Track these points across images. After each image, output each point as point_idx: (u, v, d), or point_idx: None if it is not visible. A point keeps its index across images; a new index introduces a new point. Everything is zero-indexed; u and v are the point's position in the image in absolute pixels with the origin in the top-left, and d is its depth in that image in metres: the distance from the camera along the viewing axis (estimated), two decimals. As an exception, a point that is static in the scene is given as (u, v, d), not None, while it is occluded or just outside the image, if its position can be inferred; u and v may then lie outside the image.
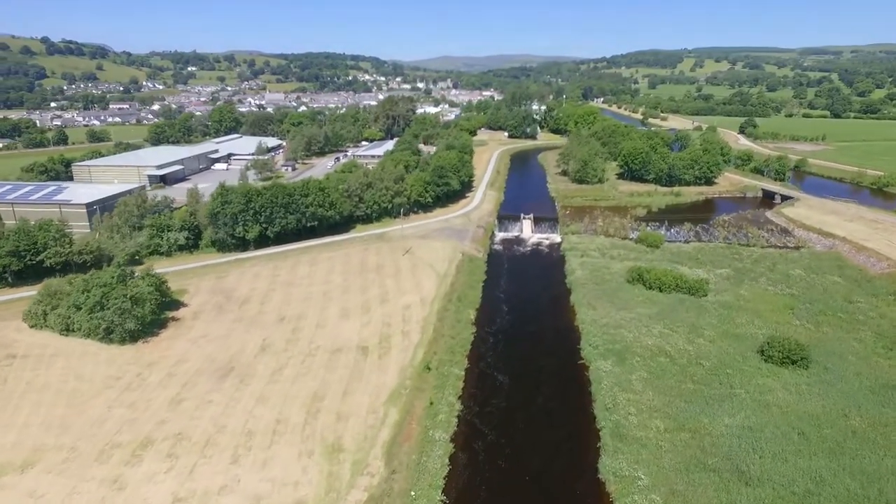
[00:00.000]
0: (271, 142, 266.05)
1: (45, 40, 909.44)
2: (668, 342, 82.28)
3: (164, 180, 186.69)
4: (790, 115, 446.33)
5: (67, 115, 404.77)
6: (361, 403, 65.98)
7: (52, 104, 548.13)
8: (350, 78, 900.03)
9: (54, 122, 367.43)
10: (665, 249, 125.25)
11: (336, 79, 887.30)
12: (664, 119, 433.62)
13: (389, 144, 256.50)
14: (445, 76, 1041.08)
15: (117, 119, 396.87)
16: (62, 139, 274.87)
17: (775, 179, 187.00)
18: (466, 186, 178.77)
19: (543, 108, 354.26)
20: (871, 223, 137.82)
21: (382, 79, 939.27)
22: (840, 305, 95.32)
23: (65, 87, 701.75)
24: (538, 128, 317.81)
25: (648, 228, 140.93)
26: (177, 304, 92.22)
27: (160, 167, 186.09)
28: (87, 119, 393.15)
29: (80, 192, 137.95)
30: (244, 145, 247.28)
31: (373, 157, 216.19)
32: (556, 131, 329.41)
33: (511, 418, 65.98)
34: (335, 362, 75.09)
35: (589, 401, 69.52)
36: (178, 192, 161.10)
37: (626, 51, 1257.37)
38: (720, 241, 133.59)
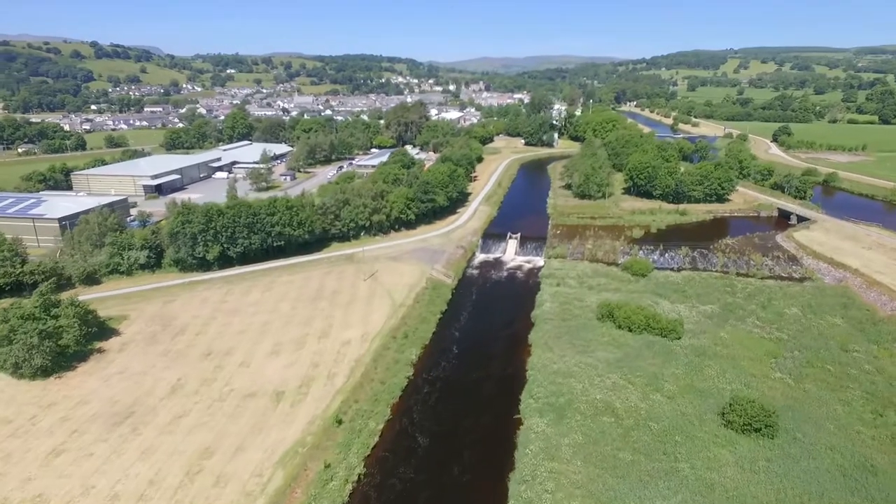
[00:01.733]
0: (281, 149, 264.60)
1: (94, 44, 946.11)
2: (619, 397, 73.42)
3: (160, 190, 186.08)
4: (833, 121, 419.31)
5: (99, 119, 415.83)
6: (250, 463, 60.07)
7: (93, 107, 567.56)
8: (383, 80, 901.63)
9: (84, 126, 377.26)
10: (651, 279, 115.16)
11: (369, 81, 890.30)
12: (695, 125, 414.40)
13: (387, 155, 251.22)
14: (480, 78, 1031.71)
15: (145, 123, 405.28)
16: (81, 145, 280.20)
17: (795, 197, 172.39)
18: (459, 200, 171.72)
19: (564, 113, 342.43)
20: (892, 252, 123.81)
21: (415, 81, 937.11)
22: (833, 355, 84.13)
23: (109, 90, 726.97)
24: (555, 135, 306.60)
25: (641, 253, 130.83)
26: (110, 333, 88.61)
27: (155, 177, 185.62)
28: (116, 123, 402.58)
29: (59, 205, 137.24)
30: (251, 153, 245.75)
31: (373, 166, 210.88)
32: (575, 139, 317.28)
33: (415, 492, 58.81)
34: (243, 410, 69.50)
35: (511, 469, 61.69)
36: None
37: (667, 51, 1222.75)
38: (718, 268, 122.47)
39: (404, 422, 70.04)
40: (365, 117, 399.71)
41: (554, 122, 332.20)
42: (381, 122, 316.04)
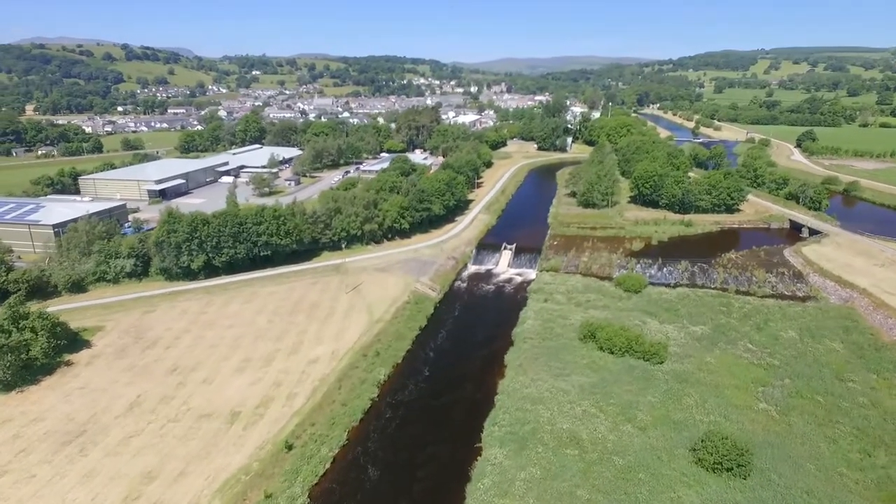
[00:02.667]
0: (291, 152, 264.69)
1: (125, 46, 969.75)
2: (587, 426, 69.74)
3: (164, 194, 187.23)
4: (865, 125, 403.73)
5: (121, 121, 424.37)
6: (190, 490, 58.35)
7: (119, 108, 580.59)
8: (405, 82, 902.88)
9: (105, 128, 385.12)
10: (644, 295, 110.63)
11: (391, 82, 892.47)
12: (717, 129, 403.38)
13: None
14: (503, 79, 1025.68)
15: (165, 125, 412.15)
16: (97, 147, 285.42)
17: (810, 208, 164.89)
18: (459, 208, 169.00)
19: (579, 117, 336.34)
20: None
21: (437, 82, 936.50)
22: (826, 385, 78.92)
23: (137, 92, 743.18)
24: (568, 140, 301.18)
25: (638, 267, 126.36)
26: (81, 345, 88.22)
27: (159, 182, 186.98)
28: (138, 125, 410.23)
29: (55, 211, 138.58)
30: (261, 157, 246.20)
31: (377, 172, 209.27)
32: (590, 143, 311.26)
33: (355, 524, 56.38)
34: (195, 431, 67.95)
35: (460, 504, 58.78)
36: (180, 207, 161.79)
37: (694, 52, 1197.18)
38: (717, 285, 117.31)
39: (358, 450, 67.53)
40: (381, 119, 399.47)
41: (569, 125, 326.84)
42: (393, 125, 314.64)
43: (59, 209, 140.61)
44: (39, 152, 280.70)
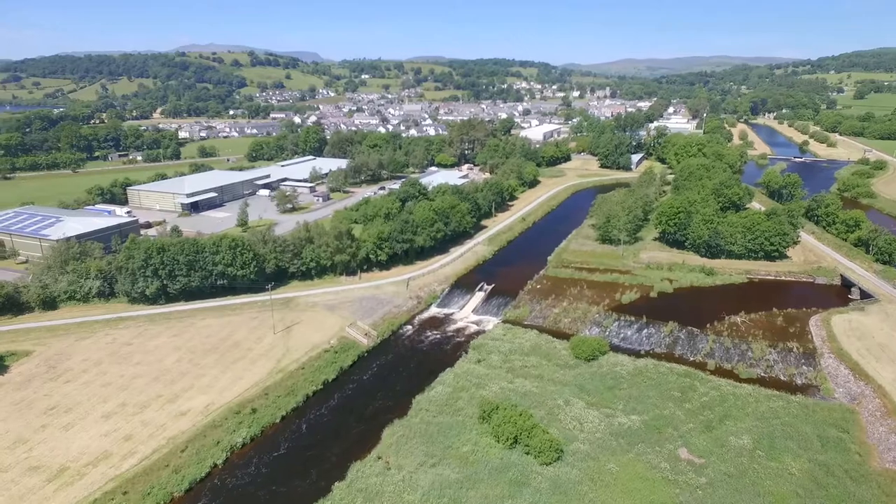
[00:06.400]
0: (342, 164, 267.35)
1: (251, 53, 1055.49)
2: (403, 543, 59.40)
3: (196, 207, 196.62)
4: None
5: (219, 126, 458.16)
6: (-48, 561, 57.00)
7: (231, 112, 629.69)
8: (505, 86, 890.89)
9: (201, 133, 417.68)
10: (594, 365, 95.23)
11: (491, 87, 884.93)
12: (831, 145, 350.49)
13: (439, 174, 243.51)
14: (608, 83, 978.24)
15: (255, 131, 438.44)
16: (176, 154, 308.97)
17: (877, 260, 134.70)
18: (460, 237, 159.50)
19: (653, 132, 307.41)
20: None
21: (538, 86, 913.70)
22: (745, 526, 61.34)
23: (256, 95, 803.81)
24: (634, 157, 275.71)
25: (615, 325, 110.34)
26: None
27: (191, 195, 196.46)
28: (230, 130, 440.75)
29: (68, 226, 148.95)
30: (306, 170, 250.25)
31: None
32: (662, 161, 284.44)
33: None
34: (11, 486, 66.89)
35: None
36: (205, 220, 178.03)
37: (839, 51, 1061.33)
38: (698, 357, 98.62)
39: (151, 532, 62.74)
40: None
41: (642, 141, 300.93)
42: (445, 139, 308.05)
43: (72, 224, 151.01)
44: (129, 157, 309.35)
